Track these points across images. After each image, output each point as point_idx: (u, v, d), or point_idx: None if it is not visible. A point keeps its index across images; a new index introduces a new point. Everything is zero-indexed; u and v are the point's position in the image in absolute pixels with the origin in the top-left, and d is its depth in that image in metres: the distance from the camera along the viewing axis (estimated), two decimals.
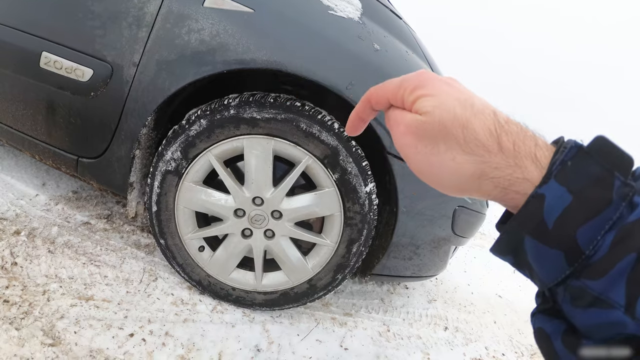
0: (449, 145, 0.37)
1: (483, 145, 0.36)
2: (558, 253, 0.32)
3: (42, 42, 1.34)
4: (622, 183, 0.31)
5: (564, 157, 0.33)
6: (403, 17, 1.70)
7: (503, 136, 0.36)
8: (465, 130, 0.36)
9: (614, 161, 0.32)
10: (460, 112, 0.37)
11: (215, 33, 1.23)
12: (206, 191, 1.36)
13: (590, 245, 0.31)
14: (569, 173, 0.32)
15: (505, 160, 0.35)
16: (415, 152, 0.40)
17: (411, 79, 0.41)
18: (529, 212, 0.33)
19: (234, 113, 1.24)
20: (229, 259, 1.45)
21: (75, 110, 1.37)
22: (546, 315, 0.37)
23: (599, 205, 0.31)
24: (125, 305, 1.38)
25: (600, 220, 0.31)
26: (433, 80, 0.40)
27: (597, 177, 0.31)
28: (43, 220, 1.64)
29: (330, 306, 1.77)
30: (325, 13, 1.31)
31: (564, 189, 0.32)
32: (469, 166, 0.37)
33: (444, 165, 0.38)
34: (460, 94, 0.39)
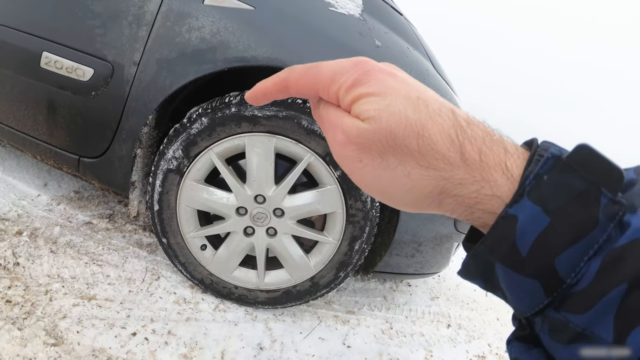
0: (401, 158, 0.30)
1: (443, 157, 0.30)
2: (534, 282, 0.27)
3: (42, 42, 1.34)
4: (610, 200, 0.26)
5: (538, 169, 0.27)
6: (404, 14, 1.70)
7: (466, 144, 0.29)
8: (420, 140, 0.30)
9: (601, 175, 0.26)
10: (412, 115, 0.30)
11: (216, 31, 1.23)
12: (208, 189, 1.36)
13: (572, 274, 0.26)
14: (545, 189, 0.27)
15: (470, 174, 0.29)
16: (360, 165, 0.32)
17: (347, 71, 0.32)
18: (499, 236, 0.28)
19: (235, 111, 1.24)
20: (231, 257, 1.45)
21: (76, 110, 1.37)
22: (524, 344, 0.32)
23: (582, 228, 0.26)
24: (127, 305, 1.38)
25: (584, 245, 0.26)
26: (376, 72, 0.32)
27: (580, 194, 0.26)
28: (45, 221, 1.64)
29: (332, 304, 1.77)
30: (326, 10, 1.31)
31: (539, 209, 0.27)
32: (426, 182, 0.31)
33: (395, 182, 0.32)
34: (410, 89, 0.32)
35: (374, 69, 0.32)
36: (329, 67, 0.33)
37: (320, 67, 0.34)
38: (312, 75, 0.34)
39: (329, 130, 0.34)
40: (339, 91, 0.33)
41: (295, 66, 0.36)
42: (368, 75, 0.32)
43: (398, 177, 0.31)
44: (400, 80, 0.32)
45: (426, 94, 0.32)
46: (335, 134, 0.33)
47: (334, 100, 0.34)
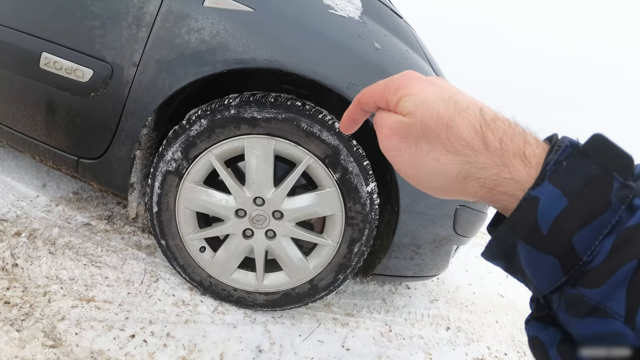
0: (433, 145, 0.36)
1: (468, 144, 0.34)
2: (553, 260, 0.30)
3: (42, 42, 1.34)
4: (622, 185, 0.29)
5: (558, 156, 0.31)
6: (403, 16, 1.70)
7: (489, 134, 0.34)
8: (449, 130, 0.35)
9: (613, 161, 0.29)
10: (443, 110, 0.35)
11: (215, 32, 1.23)
12: (207, 191, 1.35)
13: (587, 252, 0.29)
14: (564, 174, 0.30)
15: (491, 159, 0.33)
16: (399, 154, 0.38)
17: (395, 79, 0.40)
18: (522, 216, 0.31)
19: (234, 113, 1.24)
20: (230, 259, 1.45)
21: (75, 111, 1.37)
22: (541, 323, 0.34)
23: (596, 209, 0.29)
24: (126, 307, 1.38)
25: (598, 225, 0.28)
26: (416, 79, 0.39)
27: (594, 178, 0.29)
28: (44, 222, 1.64)
29: (331, 306, 1.77)
30: (326, 12, 1.31)
31: (558, 192, 0.30)
32: (453, 166, 0.35)
33: (427, 167, 0.37)
34: (444, 91, 0.37)
35: (415, 77, 0.39)
36: (384, 80, 0.41)
37: (378, 82, 0.42)
38: (373, 89, 0.42)
39: (379, 129, 0.41)
40: (388, 95, 0.39)
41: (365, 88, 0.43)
42: (409, 81, 0.39)
43: (429, 162, 0.37)
44: (436, 85, 0.38)
45: (457, 95, 0.37)
46: (382, 129, 0.40)
47: (385, 104, 0.40)
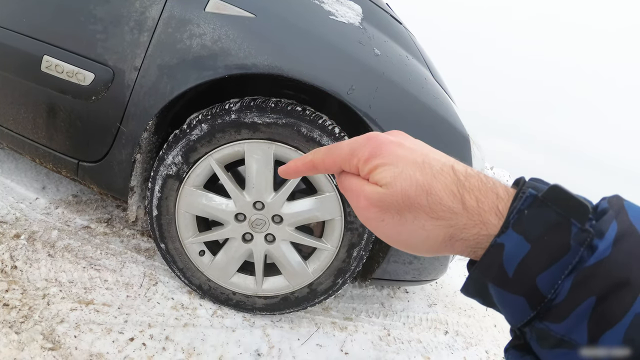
0: (416, 213, 0.36)
1: (449, 209, 0.35)
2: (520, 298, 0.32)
3: (43, 45, 1.34)
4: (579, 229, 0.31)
5: (520, 205, 0.33)
6: (403, 22, 1.71)
7: (465, 195, 0.35)
8: (429, 197, 0.36)
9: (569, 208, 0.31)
10: (421, 178, 0.36)
11: (217, 38, 1.24)
12: (207, 195, 1.36)
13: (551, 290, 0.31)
14: (526, 222, 0.32)
15: (471, 219, 0.35)
16: (383, 224, 0.39)
17: (362, 146, 0.39)
18: (490, 261, 0.33)
19: (235, 117, 1.25)
20: (230, 263, 1.45)
21: (76, 114, 1.37)
22: (518, 352, 0.36)
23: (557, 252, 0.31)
24: (125, 310, 1.38)
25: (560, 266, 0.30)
26: (385, 144, 0.39)
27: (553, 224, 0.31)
28: (43, 224, 1.64)
29: (330, 310, 1.77)
30: (326, 18, 1.32)
31: (521, 238, 0.32)
32: (439, 231, 0.36)
33: (415, 234, 0.37)
34: (416, 155, 0.38)
35: (384, 142, 0.39)
36: (348, 145, 0.40)
37: (339, 146, 0.41)
38: (335, 154, 0.41)
39: (353, 197, 0.41)
40: (358, 164, 0.39)
41: (318, 149, 0.44)
42: (380, 148, 0.39)
43: (415, 230, 0.37)
44: (407, 149, 0.39)
45: (429, 156, 0.38)
46: (359, 199, 0.39)
47: (354, 171, 0.40)
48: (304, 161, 0.44)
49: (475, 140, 1.58)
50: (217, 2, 1.26)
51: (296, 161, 0.45)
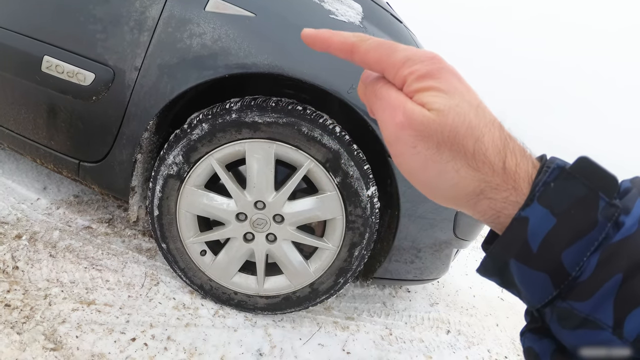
0: (455, 155, 0.33)
1: (489, 163, 0.33)
2: (544, 275, 0.31)
3: (43, 46, 1.34)
4: (607, 204, 0.30)
5: (546, 178, 0.32)
6: (404, 21, 1.71)
7: (508, 155, 0.33)
8: (477, 144, 0.33)
9: (598, 182, 0.31)
10: (474, 120, 0.33)
11: (217, 37, 1.23)
12: (208, 195, 1.36)
13: (576, 267, 0.30)
14: (552, 195, 0.31)
15: (505, 181, 0.33)
16: (414, 152, 0.34)
17: (422, 61, 0.34)
18: (513, 236, 0.32)
19: (235, 117, 1.24)
20: (231, 263, 1.45)
21: (77, 114, 1.37)
22: (535, 335, 0.35)
23: (584, 227, 0.30)
24: (127, 310, 1.38)
25: (586, 242, 0.30)
26: (448, 72, 0.35)
27: (581, 198, 0.30)
28: (44, 224, 1.64)
29: (332, 310, 1.77)
30: (327, 17, 1.31)
31: (547, 211, 0.31)
32: (470, 182, 0.34)
33: (444, 175, 0.34)
34: (473, 97, 0.35)
35: (445, 68, 0.35)
36: (404, 52, 0.35)
37: (394, 48, 0.35)
38: (384, 53, 0.36)
39: (387, 109, 0.35)
40: (408, 76, 0.34)
41: (367, 36, 0.37)
42: (440, 72, 0.34)
43: (447, 171, 0.34)
44: (465, 86, 0.35)
45: (483, 103, 0.35)
46: (395, 114, 0.34)
47: (398, 82, 0.35)
48: (343, 40, 0.38)
49: None
50: (217, 2, 1.25)
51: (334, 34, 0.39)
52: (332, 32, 0.38)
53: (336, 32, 0.38)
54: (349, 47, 0.37)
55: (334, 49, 0.38)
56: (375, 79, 0.38)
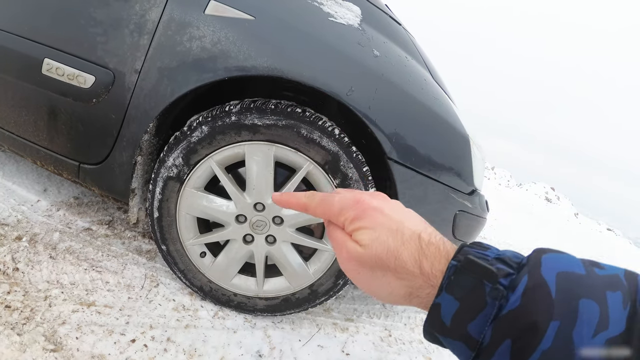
0: (384, 272, 0.45)
1: (409, 272, 0.43)
2: (460, 343, 0.39)
3: (44, 48, 1.35)
4: (492, 288, 0.38)
5: (448, 274, 0.41)
6: (402, 23, 1.71)
7: (423, 262, 0.43)
8: (397, 260, 0.44)
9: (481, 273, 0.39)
10: (392, 244, 0.44)
11: (217, 40, 1.24)
12: (208, 197, 1.36)
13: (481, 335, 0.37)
14: (453, 285, 0.40)
15: (425, 281, 0.43)
16: (358, 275, 0.47)
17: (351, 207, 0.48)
18: (433, 317, 0.41)
19: (235, 119, 1.25)
20: (231, 264, 1.46)
21: (77, 117, 1.38)
22: None
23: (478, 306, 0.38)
24: (126, 311, 1.38)
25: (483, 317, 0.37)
26: (369, 210, 0.47)
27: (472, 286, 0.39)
28: (44, 226, 1.65)
29: (331, 311, 1.77)
30: (325, 20, 1.32)
31: (451, 297, 0.40)
32: (401, 289, 0.45)
33: (382, 287, 0.46)
34: (392, 223, 0.46)
35: (368, 207, 0.48)
36: (338, 203, 0.49)
37: (331, 201, 0.50)
38: (326, 207, 0.50)
39: (337, 247, 0.50)
40: (345, 222, 0.49)
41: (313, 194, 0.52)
42: (364, 212, 0.48)
43: (383, 284, 0.46)
44: (386, 215, 0.47)
45: (403, 224, 0.46)
46: (341, 251, 0.48)
47: (340, 225, 0.50)
48: (299, 201, 0.53)
49: (475, 140, 1.59)
50: (217, 5, 1.26)
51: (292, 197, 0.54)
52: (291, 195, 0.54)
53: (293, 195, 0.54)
54: (304, 206, 0.53)
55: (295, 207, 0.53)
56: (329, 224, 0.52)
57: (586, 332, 0.33)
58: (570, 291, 0.35)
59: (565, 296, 0.35)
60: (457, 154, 1.46)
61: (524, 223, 7.47)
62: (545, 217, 10.46)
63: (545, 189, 19.66)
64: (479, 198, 1.64)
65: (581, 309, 0.34)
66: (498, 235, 4.96)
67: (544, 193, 19.11)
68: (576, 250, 6.95)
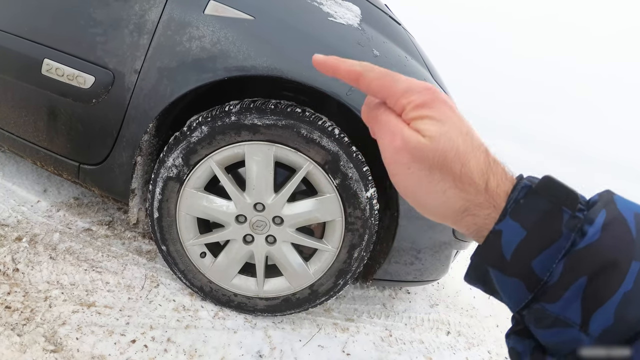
0: (444, 176, 0.38)
1: (474, 184, 0.37)
2: (518, 282, 0.35)
3: (44, 49, 1.35)
4: (570, 216, 0.33)
5: (516, 195, 0.36)
6: (402, 23, 1.71)
7: (491, 177, 0.37)
8: (463, 167, 0.37)
9: (561, 197, 0.34)
10: (462, 146, 0.37)
11: (216, 40, 1.24)
12: (208, 197, 1.36)
13: (547, 273, 0.33)
14: (522, 210, 0.35)
15: (487, 200, 0.37)
16: (408, 172, 0.39)
17: (419, 92, 0.39)
18: (489, 247, 0.36)
19: (235, 119, 1.25)
20: (231, 265, 1.45)
21: (77, 117, 1.38)
22: (518, 336, 0.39)
23: (550, 237, 0.33)
24: (127, 312, 1.38)
25: (554, 250, 0.33)
26: (441, 102, 0.39)
27: (546, 212, 0.34)
28: (44, 227, 1.65)
29: (332, 311, 1.77)
30: (325, 20, 1.32)
31: (517, 225, 0.35)
32: (457, 200, 0.38)
33: (433, 194, 0.39)
34: (463, 124, 0.39)
35: (439, 98, 0.39)
36: (405, 83, 0.40)
37: (396, 78, 0.40)
38: (387, 83, 0.40)
39: (387, 134, 0.40)
40: (407, 105, 0.39)
41: (372, 66, 0.41)
42: (435, 102, 0.39)
43: (437, 191, 0.38)
44: (457, 115, 0.39)
45: (472, 130, 0.40)
46: (394, 139, 0.39)
47: (398, 109, 0.40)
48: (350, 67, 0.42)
49: None
50: (216, 5, 1.26)
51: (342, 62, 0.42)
52: (340, 59, 0.42)
53: (344, 60, 0.42)
54: (355, 75, 0.41)
55: (341, 75, 0.42)
56: (377, 104, 0.42)
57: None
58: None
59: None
60: None
61: None
62: None
63: None
64: None
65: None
66: None
67: None
68: None
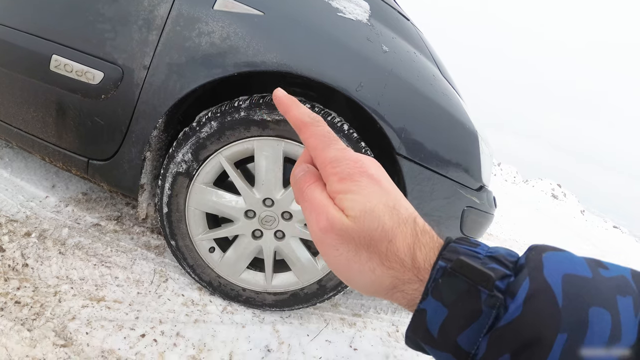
0: (371, 255, 0.37)
1: (400, 261, 0.36)
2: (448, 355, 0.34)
3: (52, 45, 1.35)
4: (488, 295, 0.33)
5: (435, 275, 0.35)
6: (410, 19, 1.71)
7: (417, 252, 0.36)
8: (390, 245, 0.36)
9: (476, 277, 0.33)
10: (388, 223, 0.36)
11: (226, 36, 1.24)
12: (217, 192, 1.37)
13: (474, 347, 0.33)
14: (441, 289, 0.34)
15: (415, 275, 0.36)
16: (336, 253, 0.38)
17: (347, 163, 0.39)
18: (417, 324, 0.36)
19: (244, 115, 1.25)
20: (239, 259, 1.46)
21: (86, 113, 1.38)
22: None
23: (471, 316, 0.33)
24: (136, 306, 1.39)
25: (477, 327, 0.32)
26: (367, 175, 0.38)
27: (464, 291, 0.33)
28: (53, 222, 1.66)
29: (339, 307, 1.77)
30: (334, 15, 1.32)
31: (439, 304, 0.34)
32: (386, 278, 0.37)
33: (363, 273, 0.38)
34: (389, 198, 0.38)
35: (366, 172, 0.38)
36: (337, 152, 0.39)
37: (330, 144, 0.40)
38: (321, 145, 0.40)
39: (312, 212, 0.39)
40: (331, 176, 0.39)
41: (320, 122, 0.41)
42: (360, 175, 0.38)
43: (365, 270, 0.37)
44: (383, 189, 0.38)
45: (399, 203, 0.38)
46: (319, 219, 0.38)
47: (324, 177, 0.40)
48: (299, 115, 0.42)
49: (484, 136, 1.58)
50: (226, 0, 1.26)
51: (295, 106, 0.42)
52: (296, 103, 0.42)
53: (298, 106, 0.42)
54: (301, 124, 0.41)
55: (289, 119, 0.42)
56: (304, 174, 0.41)
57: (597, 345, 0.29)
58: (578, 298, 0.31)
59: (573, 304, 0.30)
60: (465, 149, 1.46)
61: (530, 219, 7.46)
62: (552, 214, 10.45)
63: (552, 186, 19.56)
64: (487, 194, 1.64)
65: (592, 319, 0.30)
66: (504, 231, 4.95)
67: (550, 190, 19.02)
68: (582, 247, 6.93)
